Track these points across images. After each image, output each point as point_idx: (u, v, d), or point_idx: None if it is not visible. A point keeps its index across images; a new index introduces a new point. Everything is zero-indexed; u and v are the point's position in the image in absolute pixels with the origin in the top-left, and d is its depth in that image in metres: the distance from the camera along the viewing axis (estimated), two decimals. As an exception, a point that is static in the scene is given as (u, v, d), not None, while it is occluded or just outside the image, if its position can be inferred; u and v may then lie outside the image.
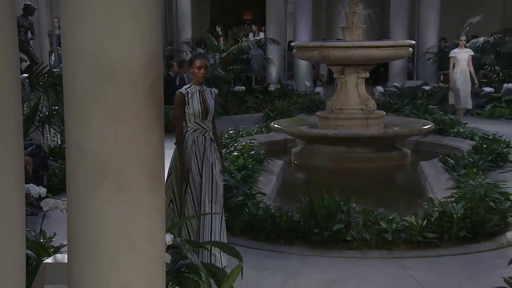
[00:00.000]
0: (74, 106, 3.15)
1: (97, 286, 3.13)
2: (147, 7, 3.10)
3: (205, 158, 5.37)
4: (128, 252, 3.12)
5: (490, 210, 6.11)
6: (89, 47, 3.05)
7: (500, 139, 9.79)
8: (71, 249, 3.22)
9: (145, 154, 3.11)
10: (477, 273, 5.19)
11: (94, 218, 3.11)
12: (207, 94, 5.47)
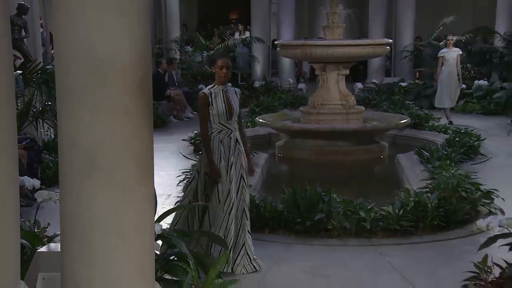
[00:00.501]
0: (66, 101, 3.12)
1: (89, 274, 3.12)
2: (136, 5, 3.08)
3: (230, 159, 5.01)
4: (119, 240, 3.10)
5: (462, 200, 6.16)
6: (80, 44, 3.03)
7: (472, 133, 9.89)
8: (64, 238, 3.20)
9: (135, 147, 3.10)
10: (449, 259, 5.23)
11: (86, 209, 3.09)
12: (231, 93, 5.11)
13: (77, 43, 3.04)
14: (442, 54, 12.22)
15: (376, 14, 17.94)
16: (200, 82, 15.72)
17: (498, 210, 6.05)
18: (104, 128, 3.06)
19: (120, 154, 3.07)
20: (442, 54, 12.24)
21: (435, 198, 6.06)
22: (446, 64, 12.02)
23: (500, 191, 6.44)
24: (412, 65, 17.68)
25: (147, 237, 3.21)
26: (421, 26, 18.13)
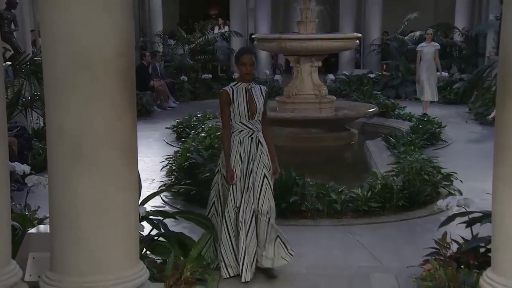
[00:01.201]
0: (53, 91, 3.10)
1: (77, 253, 3.11)
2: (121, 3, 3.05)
3: (250, 162, 4.43)
4: (104, 222, 3.10)
5: (425, 182, 6.20)
6: (66, 37, 3.00)
7: (434, 120, 9.97)
8: (53, 220, 3.19)
9: (119, 134, 3.09)
10: (413, 236, 5.28)
11: (73, 192, 3.08)
12: (255, 92, 4.48)
13: (63, 36, 3.01)
14: (421, 48, 11.56)
15: (346, 10, 18.02)
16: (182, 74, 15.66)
17: (457, 191, 6.10)
18: (90, 116, 3.04)
19: (105, 141, 3.06)
20: (421, 48, 11.57)
21: (400, 181, 6.10)
22: (424, 59, 11.35)
23: (458, 173, 6.49)
24: (380, 58, 17.75)
25: (131, 218, 3.20)
26: (388, 21, 18.22)
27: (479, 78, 5.08)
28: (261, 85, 4.69)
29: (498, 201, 3.14)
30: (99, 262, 3.11)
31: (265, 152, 4.50)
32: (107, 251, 3.12)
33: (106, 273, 3.12)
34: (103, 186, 3.07)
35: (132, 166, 3.19)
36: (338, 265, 4.66)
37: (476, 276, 3.55)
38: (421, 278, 4.06)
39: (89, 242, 3.09)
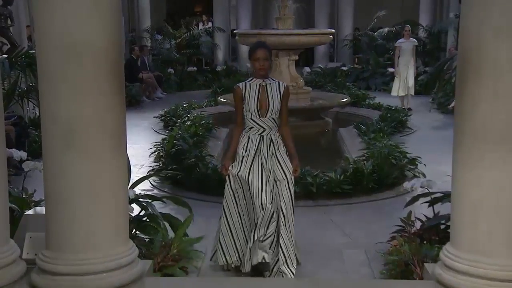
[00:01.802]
0: (46, 81, 3.07)
1: (70, 232, 3.10)
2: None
3: (256, 161, 3.91)
4: (95, 203, 3.08)
5: (392, 166, 6.24)
6: (57, 31, 2.98)
7: (400, 109, 10.05)
8: (48, 202, 3.17)
9: (108, 121, 3.06)
10: (381, 215, 5.31)
11: (66, 176, 3.06)
12: (271, 88, 3.94)
13: (55, 30, 2.98)
14: (399, 44, 11.09)
15: (321, 7, 18.03)
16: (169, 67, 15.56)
17: (421, 174, 6.14)
18: (81, 105, 3.01)
19: (95, 128, 3.04)
20: (399, 44, 11.10)
21: (370, 165, 6.14)
22: (402, 54, 10.94)
23: (422, 158, 6.54)
24: (352, 52, 17.81)
25: (121, 200, 3.19)
26: (359, 18, 18.28)
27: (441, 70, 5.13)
28: (280, 82, 4.08)
29: (457, 182, 3.17)
30: (92, 241, 3.10)
31: (280, 153, 3.97)
32: (98, 230, 3.10)
33: (98, 251, 3.11)
34: (94, 170, 3.05)
35: (121, 151, 3.17)
36: (314, 242, 4.68)
37: (437, 250, 3.59)
38: (388, 253, 4.12)
39: (82, 222, 3.07)
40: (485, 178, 3.02)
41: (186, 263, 3.96)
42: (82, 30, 2.96)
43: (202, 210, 5.05)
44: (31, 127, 7.75)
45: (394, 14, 18.22)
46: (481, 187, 3.04)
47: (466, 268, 3.07)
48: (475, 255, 3.06)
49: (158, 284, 3.34)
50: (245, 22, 17.77)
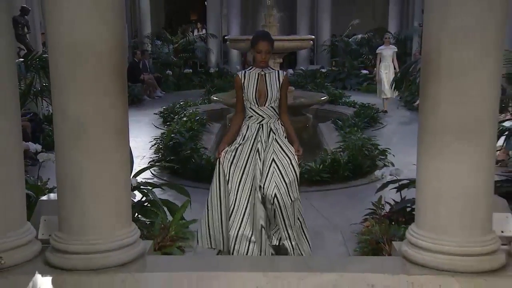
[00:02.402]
0: (57, 81, 3.05)
1: (80, 215, 3.09)
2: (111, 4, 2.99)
3: (254, 149, 3.56)
4: (102, 190, 3.07)
5: (365, 157, 6.27)
6: (66, 35, 2.95)
7: (372, 107, 10.08)
8: (60, 189, 3.15)
9: (112, 117, 3.05)
10: (355, 200, 5.33)
11: (75, 165, 3.04)
12: (269, 77, 3.59)
13: (64, 34, 2.96)
14: (380, 51, 10.71)
15: (302, 16, 18.00)
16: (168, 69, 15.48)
17: (390, 163, 6.17)
18: (88, 103, 2.99)
19: (101, 123, 3.02)
20: (380, 50, 10.72)
21: (346, 156, 6.16)
22: (383, 60, 10.58)
23: (391, 149, 6.57)
24: (330, 56, 17.81)
25: (123, 186, 3.18)
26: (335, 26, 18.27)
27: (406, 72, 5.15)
28: (280, 71, 3.70)
29: (421, 170, 3.19)
30: (99, 223, 3.09)
31: (279, 140, 3.61)
32: (105, 214, 3.10)
33: (105, 232, 3.10)
34: (100, 160, 3.04)
35: (124, 144, 3.16)
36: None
37: (403, 230, 3.62)
38: (361, 233, 4.15)
39: (90, 207, 3.07)
40: (444, 168, 3.04)
41: (183, 243, 3.96)
42: (88, 34, 2.94)
43: (196, 196, 5.02)
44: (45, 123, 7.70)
45: (366, 22, 18.27)
46: (441, 175, 3.06)
47: (428, 245, 3.10)
48: (436, 234, 3.09)
49: (158, 262, 3.33)
50: (235, 29, 17.70)
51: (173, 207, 4.29)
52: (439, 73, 2.99)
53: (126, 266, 3.09)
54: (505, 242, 3.26)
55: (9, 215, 3.15)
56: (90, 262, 3.05)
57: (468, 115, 2.97)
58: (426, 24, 3.10)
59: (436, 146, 3.06)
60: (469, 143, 2.99)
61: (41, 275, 3.06)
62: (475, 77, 2.95)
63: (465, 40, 2.91)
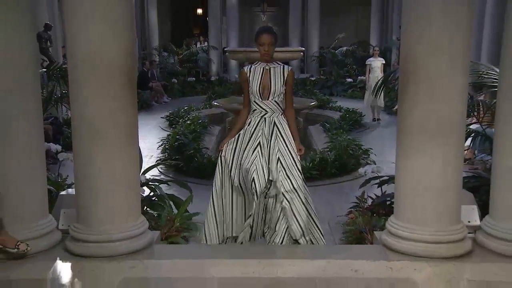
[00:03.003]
0: (75, 89, 3.05)
1: (95, 209, 3.09)
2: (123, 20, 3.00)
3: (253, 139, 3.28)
4: (115, 185, 3.08)
5: (350, 156, 6.28)
6: (83, 47, 2.96)
7: (356, 111, 10.07)
8: (77, 185, 3.15)
9: (123, 121, 3.05)
10: (341, 195, 5.35)
11: (91, 164, 3.05)
12: (274, 71, 3.30)
13: (80, 46, 2.96)
14: (370, 62, 10.31)
15: (293, 30, 17.99)
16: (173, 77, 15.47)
17: (372, 162, 6.16)
18: (102, 108, 3.00)
19: (113, 126, 3.02)
20: (370, 62, 10.32)
21: (333, 155, 6.17)
22: (372, 71, 10.18)
23: (373, 149, 6.60)
24: (318, 65, 17.82)
25: (132, 182, 3.18)
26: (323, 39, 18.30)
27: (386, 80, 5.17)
28: (286, 66, 3.36)
29: (399, 168, 3.21)
30: (111, 216, 3.09)
31: (283, 135, 3.30)
32: (117, 207, 3.10)
33: (118, 223, 3.11)
34: (113, 159, 3.04)
35: (134, 144, 3.16)
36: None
37: (384, 221, 3.63)
38: (346, 224, 4.15)
39: (104, 201, 3.07)
40: (419, 165, 3.06)
41: (186, 233, 3.95)
42: (102, 47, 2.94)
43: (199, 191, 5.02)
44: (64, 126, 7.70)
45: (350, 36, 18.33)
46: (417, 172, 3.08)
47: (405, 235, 3.12)
48: (412, 224, 3.11)
49: (164, 250, 3.34)
50: (233, 41, 17.68)
51: (178, 201, 4.29)
52: (415, 81, 3.01)
53: (136, 254, 3.09)
54: (471, 231, 3.30)
55: (33, 208, 3.16)
56: (104, 250, 3.06)
57: (441, 118, 3.00)
58: (403, 38, 3.12)
59: (413, 146, 3.07)
60: (441, 143, 3.01)
61: (62, 261, 3.08)
62: (446, 84, 2.97)
63: (437, 53, 2.94)
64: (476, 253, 3.14)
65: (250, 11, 19.67)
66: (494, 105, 3.58)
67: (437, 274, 2.92)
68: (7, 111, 2.99)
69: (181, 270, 2.97)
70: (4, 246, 2.95)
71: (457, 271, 2.95)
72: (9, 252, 2.96)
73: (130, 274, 2.91)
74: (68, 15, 2.97)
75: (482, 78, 4.24)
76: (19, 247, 2.96)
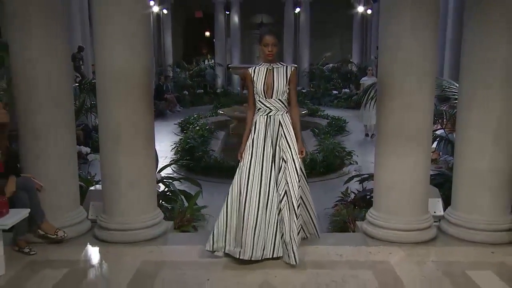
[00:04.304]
0: (102, 100, 3.08)
1: (118, 202, 3.12)
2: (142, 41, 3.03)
3: (261, 139, 2.88)
4: (134, 182, 3.10)
5: (336, 157, 6.27)
6: (109, 64, 3.00)
7: (341, 118, 10.05)
8: (104, 181, 3.18)
9: (142, 128, 3.08)
10: (328, 191, 5.26)
11: (115, 164, 3.08)
12: (277, 71, 2.93)
13: (107, 64, 3.00)
14: (364, 82, 9.36)
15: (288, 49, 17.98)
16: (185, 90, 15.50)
17: (354, 162, 6.16)
18: (124, 116, 3.03)
19: (134, 131, 3.06)
20: (364, 81, 9.41)
21: (321, 156, 6.14)
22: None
23: (355, 151, 6.58)
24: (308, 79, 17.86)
25: (149, 179, 3.21)
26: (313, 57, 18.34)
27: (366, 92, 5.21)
28: (289, 66, 3.01)
29: (378, 167, 3.23)
30: (133, 207, 3.12)
31: (287, 134, 2.91)
32: (137, 200, 3.12)
33: (138, 214, 3.13)
34: (133, 160, 3.07)
35: (151, 147, 3.19)
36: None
37: (364, 212, 3.64)
38: (332, 215, 4.14)
39: (126, 195, 3.10)
40: (394, 164, 3.10)
41: (196, 223, 3.96)
42: (124, 66, 2.98)
43: (206, 187, 5.00)
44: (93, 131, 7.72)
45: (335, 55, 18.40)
46: (392, 170, 3.11)
47: (382, 224, 3.15)
48: (388, 215, 3.14)
49: (177, 237, 3.36)
50: (236, 59, 17.73)
51: (189, 196, 4.29)
52: (390, 94, 3.05)
53: (153, 240, 3.12)
54: (436, 220, 3.34)
55: (67, 200, 3.20)
56: (127, 237, 3.08)
57: (412, 125, 3.04)
58: (380, 57, 3.16)
59: (389, 148, 3.11)
60: (412, 146, 3.05)
61: (91, 245, 3.12)
62: (416, 96, 3.02)
63: (409, 70, 2.99)
64: (440, 238, 3.19)
65: (250, 34, 19.72)
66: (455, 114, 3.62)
67: (408, 257, 2.95)
68: (48, 122, 3.06)
69: (191, 254, 2.99)
70: (46, 232, 3.04)
71: (424, 254, 2.99)
72: (49, 238, 3.05)
73: (148, 257, 2.94)
74: (97, 39, 3.02)
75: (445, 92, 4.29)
76: (58, 233, 3.03)
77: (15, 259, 2.89)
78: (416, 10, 2.91)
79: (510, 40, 2.96)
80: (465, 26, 3.13)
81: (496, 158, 3.07)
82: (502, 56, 2.97)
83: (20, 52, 2.98)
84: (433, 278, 2.69)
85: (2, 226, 2.65)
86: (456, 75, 4.32)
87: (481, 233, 3.10)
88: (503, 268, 2.80)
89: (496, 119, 3.03)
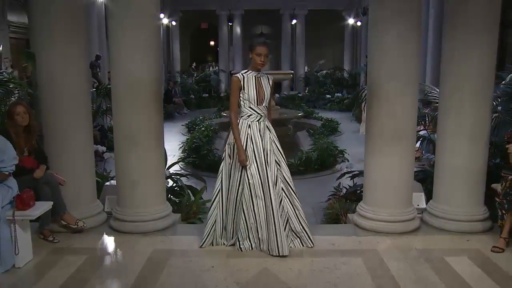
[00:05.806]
0: (116, 103, 3.10)
1: (131, 196, 3.13)
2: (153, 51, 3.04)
3: (259, 144, 2.81)
4: (145, 178, 3.12)
5: (329, 155, 6.27)
6: (122, 71, 3.01)
7: (334, 120, 10.05)
8: (118, 177, 3.20)
9: (152, 129, 3.10)
10: (322, 186, 5.27)
11: (128, 162, 3.09)
12: (263, 80, 2.88)
13: (121, 71, 3.01)
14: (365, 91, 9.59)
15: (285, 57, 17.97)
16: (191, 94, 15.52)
17: (346, 160, 6.18)
18: (135, 118, 3.04)
19: (144, 132, 3.07)
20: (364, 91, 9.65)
21: (316, 154, 6.14)
22: None
23: (347, 149, 6.57)
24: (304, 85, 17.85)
25: (159, 175, 3.22)
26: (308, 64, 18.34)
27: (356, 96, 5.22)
28: (268, 75, 2.98)
29: (367, 164, 3.25)
30: (144, 201, 3.14)
31: (275, 138, 2.93)
32: (148, 194, 3.14)
33: (149, 207, 3.15)
34: (144, 158, 3.09)
35: (160, 146, 3.20)
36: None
37: (355, 205, 3.63)
38: (326, 208, 4.13)
39: (138, 189, 3.11)
40: (382, 161, 3.12)
41: (201, 216, 3.96)
42: (136, 71, 2.99)
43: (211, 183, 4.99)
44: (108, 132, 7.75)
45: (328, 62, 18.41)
46: (379, 168, 3.13)
47: (371, 216, 3.17)
48: (376, 207, 3.16)
49: (184, 228, 3.38)
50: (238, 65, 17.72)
51: (195, 190, 4.30)
52: (379, 97, 3.07)
53: (163, 231, 3.14)
54: (419, 212, 3.36)
55: (86, 194, 3.23)
56: (139, 227, 3.10)
57: (398, 126, 3.06)
58: (370, 64, 3.18)
59: (377, 147, 3.13)
60: (398, 144, 3.07)
61: (107, 235, 3.14)
62: (401, 100, 3.04)
63: (395, 77, 3.01)
64: (423, 228, 3.22)
65: (251, 42, 19.70)
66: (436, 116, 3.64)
67: (394, 245, 2.97)
68: (67, 124, 3.09)
69: (196, 243, 3.01)
70: (67, 223, 3.09)
71: (408, 242, 3.02)
72: (70, 228, 3.10)
73: (159, 246, 2.96)
74: (113, 49, 3.04)
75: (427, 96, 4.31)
76: (78, 224, 3.07)
77: (41, 246, 2.95)
78: (403, 23, 2.94)
79: (481, 54, 3.00)
80: (443, 38, 3.17)
81: (471, 156, 3.11)
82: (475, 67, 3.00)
83: (45, 61, 3.02)
84: (416, 264, 2.73)
85: (29, 216, 2.71)
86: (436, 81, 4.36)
87: (459, 223, 3.14)
88: (477, 254, 2.85)
89: (470, 124, 3.07)
